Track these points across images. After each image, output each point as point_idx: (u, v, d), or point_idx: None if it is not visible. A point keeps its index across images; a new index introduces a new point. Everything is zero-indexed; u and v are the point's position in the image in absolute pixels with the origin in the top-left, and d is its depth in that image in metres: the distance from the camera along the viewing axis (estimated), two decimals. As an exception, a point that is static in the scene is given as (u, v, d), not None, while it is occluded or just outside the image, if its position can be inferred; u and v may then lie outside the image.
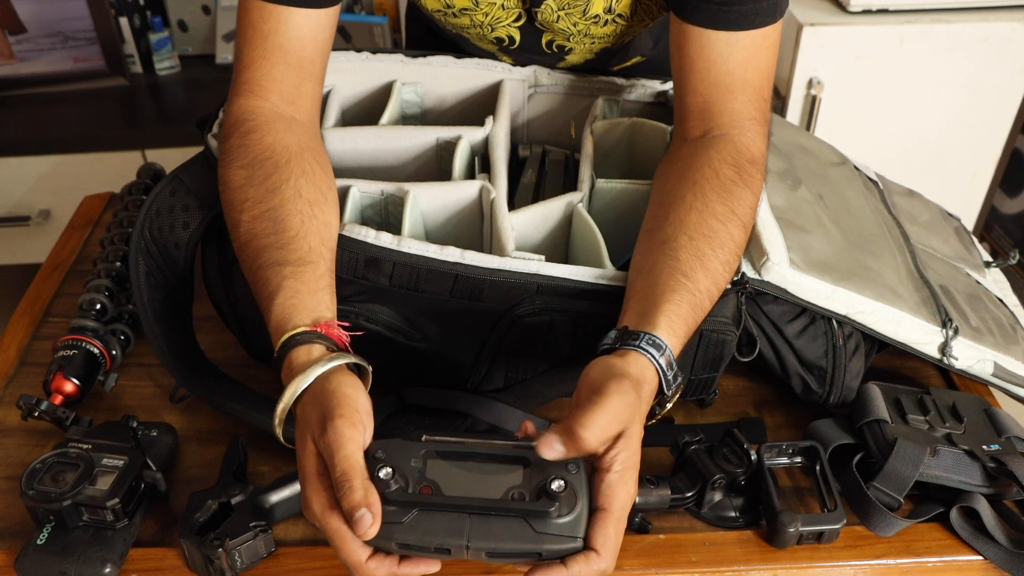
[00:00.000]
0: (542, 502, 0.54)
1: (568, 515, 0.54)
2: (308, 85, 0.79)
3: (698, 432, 0.76)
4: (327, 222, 0.71)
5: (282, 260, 0.66)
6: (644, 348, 0.62)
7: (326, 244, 0.69)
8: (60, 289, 1.00)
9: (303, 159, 0.73)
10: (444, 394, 0.79)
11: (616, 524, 0.56)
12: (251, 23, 0.76)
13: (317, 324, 0.63)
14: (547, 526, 0.54)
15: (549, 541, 0.53)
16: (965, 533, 0.73)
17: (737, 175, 0.73)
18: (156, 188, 0.81)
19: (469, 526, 0.53)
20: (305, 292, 0.64)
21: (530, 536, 0.53)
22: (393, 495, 0.54)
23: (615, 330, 0.65)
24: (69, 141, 1.94)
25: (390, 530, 0.53)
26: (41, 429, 0.81)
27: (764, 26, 0.75)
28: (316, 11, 0.77)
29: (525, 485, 0.55)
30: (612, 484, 0.56)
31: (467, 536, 0.53)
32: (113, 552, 0.67)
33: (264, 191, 0.70)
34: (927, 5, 1.72)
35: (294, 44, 0.77)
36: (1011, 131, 1.86)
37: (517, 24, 0.92)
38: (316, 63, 0.79)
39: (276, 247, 0.67)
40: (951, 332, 0.80)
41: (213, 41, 2.18)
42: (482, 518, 0.54)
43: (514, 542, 0.53)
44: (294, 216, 0.68)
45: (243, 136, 0.74)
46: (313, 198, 0.70)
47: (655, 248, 0.70)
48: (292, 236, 0.67)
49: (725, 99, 0.77)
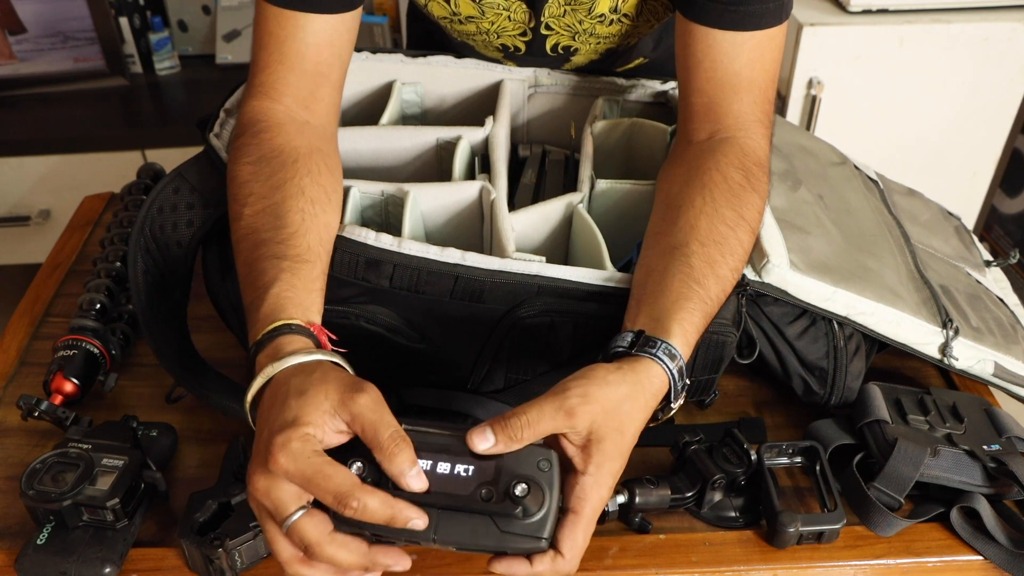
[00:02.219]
0: (507, 504, 0.54)
1: (534, 515, 0.54)
2: (325, 90, 0.78)
3: (698, 432, 0.76)
4: (327, 223, 0.71)
5: (280, 254, 0.66)
6: (660, 357, 0.62)
7: (324, 245, 0.69)
8: (60, 289, 1.00)
9: (311, 160, 0.73)
10: (444, 394, 0.79)
11: (585, 528, 0.56)
12: (267, 29, 0.76)
13: (308, 324, 0.63)
14: (512, 526, 0.54)
15: (513, 541, 0.54)
16: (965, 533, 0.73)
17: (745, 179, 0.73)
18: (158, 186, 0.80)
19: (436, 521, 0.54)
20: (301, 289, 0.64)
21: (495, 535, 0.54)
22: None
23: (630, 333, 0.64)
24: (69, 141, 1.94)
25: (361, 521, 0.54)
26: (41, 429, 0.81)
27: (770, 27, 0.75)
28: (333, 17, 0.76)
29: (495, 481, 0.55)
30: (585, 487, 0.56)
31: (434, 531, 0.54)
32: (113, 552, 0.67)
33: (268, 187, 0.70)
34: (927, 5, 1.72)
35: (311, 50, 0.76)
36: (1011, 131, 1.86)
37: (524, 39, 0.92)
38: (334, 68, 0.79)
39: (275, 241, 0.67)
40: (951, 333, 0.80)
41: (213, 41, 2.18)
42: (450, 514, 0.54)
43: (479, 539, 0.54)
44: (295, 213, 0.68)
45: (254, 135, 0.74)
46: (316, 197, 0.70)
47: (666, 253, 0.70)
48: (292, 232, 0.67)
49: (731, 100, 0.77)
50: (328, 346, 0.63)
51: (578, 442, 0.57)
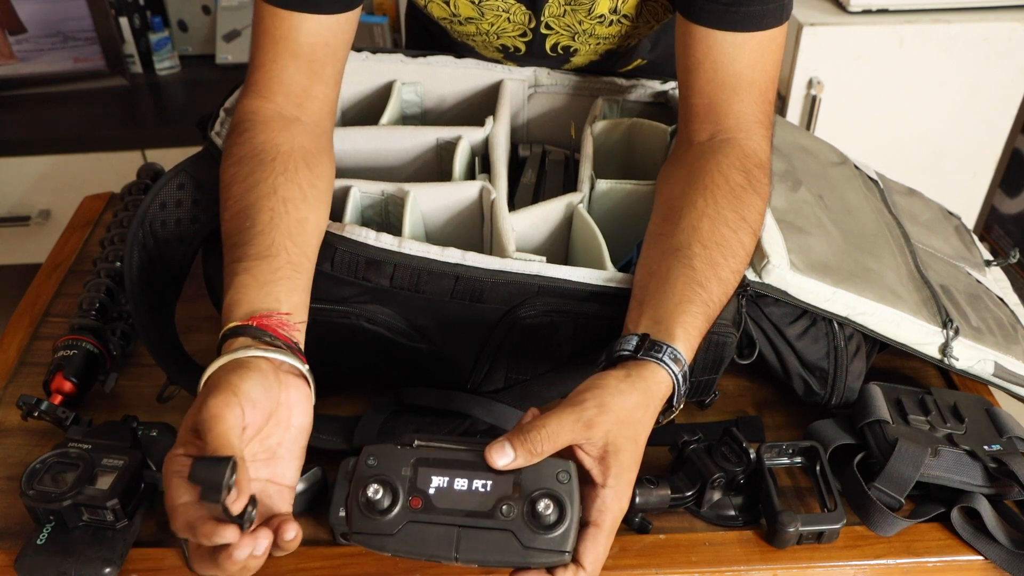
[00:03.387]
0: (529, 519, 0.54)
1: (557, 529, 0.54)
2: (318, 88, 0.78)
3: (697, 431, 0.76)
4: (301, 218, 0.69)
5: (241, 256, 0.65)
6: (665, 362, 0.62)
7: (294, 239, 0.67)
8: (60, 289, 1.00)
9: (290, 158, 0.72)
10: (444, 394, 0.79)
11: (605, 540, 0.56)
12: (264, 28, 0.76)
13: (252, 317, 0.60)
14: (535, 540, 0.54)
15: (536, 555, 0.54)
16: (966, 533, 0.73)
17: (747, 181, 0.73)
18: (160, 181, 0.79)
19: (457, 539, 0.54)
20: (252, 286, 0.63)
21: (517, 550, 0.54)
22: (385, 509, 0.55)
23: (635, 336, 0.64)
24: (69, 141, 1.94)
25: (382, 540, 0.54)
26: (41, 429, 0.81)
27: (771, 28, 0.75)
28: (329, 17, 0.76)
29: (515, 496, 0.55)
30: (605, 499, 0.56)
31: (455, 549, 0.54)
32: (113, 552, 0.67)
33: (243, 189, 0.69)
34: (927, 5, 1.72)
35: (305, 48, 0.76)
36: (1011, 131, 1.86)
37: (524, 39, 0.92)
38: (327, 67, 0.79)
39: (241, 244, 0.66)
40: (952, 333, 0.80)
41: (213, 41, 2.18)
42: (471, 532, 0.54)
43: (501, 555, 0.54)
44: (264, 213, 0.67)
45: (239, 135, 0.74)
46: (288, 195, 0.69)
47: (668, 254, 0.70)
48: (257, 232, 0.66)
49: (731, 101, 0.77)
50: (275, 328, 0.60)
51: (595, 453, 0.57)
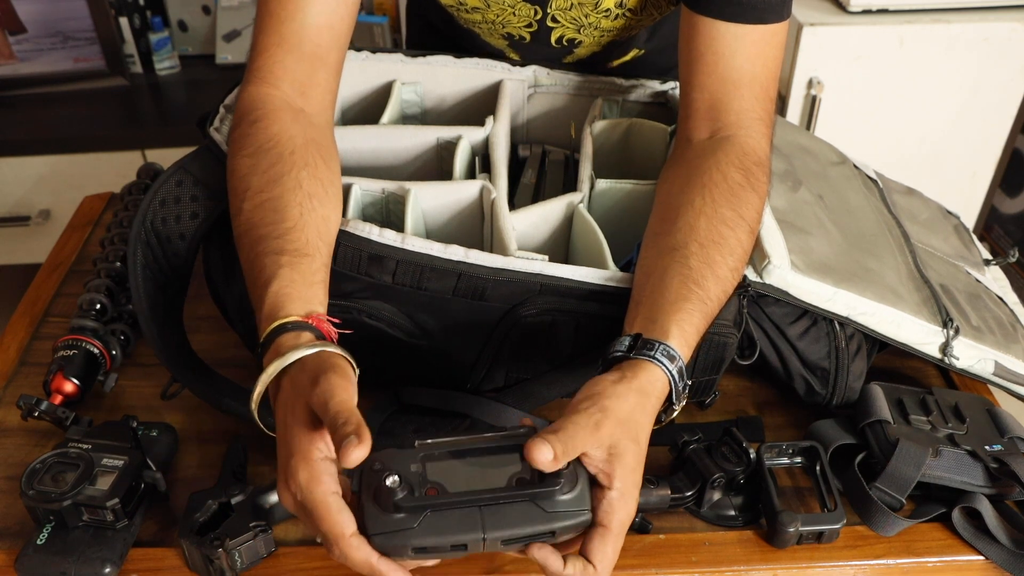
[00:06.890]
0: (548, 481, 0.55)
1: (573, 491, 0.55)
2: (322, 75, 0.78)
3: (697, 431, 0.76)
4: (325, 216, 0.70)
5: (279, 249, 0.66)
6: (659, 359, 0.62)
7: (323, 239, 0.69)
8: (60, 289, 1.00)
9: (307, 151, 0.73)
10: (443, 394, 0.79)
11: (615, 541, 0.56)
12: (269, 10, 0.76)
13: (309, 316, 0.62)
14: (556, 504, 0.55)
15: (560, 518, 0.55)
16: (967, 533, 0.73)
17: (745, 179, 0.74)
18: (159, 179, 0.79)
19: (482, 518, 0.54)
20: (300, 283, 0.64)
21: (541, 516, 0.54)
22: (403, 501, 0.54)
23: (628, 336, 0.64)
24: (69, 141, 1.94)
25: (405, 536, 0.54)
26: (41, 429, 0.81)
27: (772, 22, 0.76)
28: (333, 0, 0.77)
29: (525, 470, 0.55)
30: (612, 501, 0.57)
31: (482, 528, 0.54)
32: (113, 552, 0.67)
33: (266, 180, 0.70)
34: (927, 5, 1.72)
35: (310, 31, 0.76)
36: (1011, 131, 1.86)
37: (529, 30, 0.93)
38: (332, 53, 0.79)
39: (274, 236, 0.67)
40: (952, 332, 0.80)
41: (213, 41, 2.18)
42: (493, 508, 0.54)
43: (528, 525, 0.54)
44: (293, 207, 0.68)
45: (250, 124, 0.74)
46: (313, 191, 0.70)
47: (665, 254, 0.70)
48: (290, 227, 0.67)
49: (732, 96, 0.77)
50: (330, 333, 0.63)
51: (600, 457, 0.57)
